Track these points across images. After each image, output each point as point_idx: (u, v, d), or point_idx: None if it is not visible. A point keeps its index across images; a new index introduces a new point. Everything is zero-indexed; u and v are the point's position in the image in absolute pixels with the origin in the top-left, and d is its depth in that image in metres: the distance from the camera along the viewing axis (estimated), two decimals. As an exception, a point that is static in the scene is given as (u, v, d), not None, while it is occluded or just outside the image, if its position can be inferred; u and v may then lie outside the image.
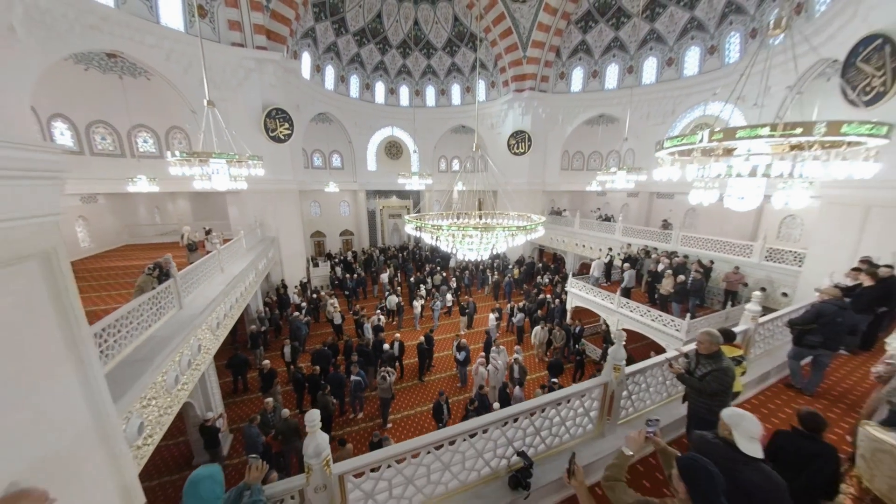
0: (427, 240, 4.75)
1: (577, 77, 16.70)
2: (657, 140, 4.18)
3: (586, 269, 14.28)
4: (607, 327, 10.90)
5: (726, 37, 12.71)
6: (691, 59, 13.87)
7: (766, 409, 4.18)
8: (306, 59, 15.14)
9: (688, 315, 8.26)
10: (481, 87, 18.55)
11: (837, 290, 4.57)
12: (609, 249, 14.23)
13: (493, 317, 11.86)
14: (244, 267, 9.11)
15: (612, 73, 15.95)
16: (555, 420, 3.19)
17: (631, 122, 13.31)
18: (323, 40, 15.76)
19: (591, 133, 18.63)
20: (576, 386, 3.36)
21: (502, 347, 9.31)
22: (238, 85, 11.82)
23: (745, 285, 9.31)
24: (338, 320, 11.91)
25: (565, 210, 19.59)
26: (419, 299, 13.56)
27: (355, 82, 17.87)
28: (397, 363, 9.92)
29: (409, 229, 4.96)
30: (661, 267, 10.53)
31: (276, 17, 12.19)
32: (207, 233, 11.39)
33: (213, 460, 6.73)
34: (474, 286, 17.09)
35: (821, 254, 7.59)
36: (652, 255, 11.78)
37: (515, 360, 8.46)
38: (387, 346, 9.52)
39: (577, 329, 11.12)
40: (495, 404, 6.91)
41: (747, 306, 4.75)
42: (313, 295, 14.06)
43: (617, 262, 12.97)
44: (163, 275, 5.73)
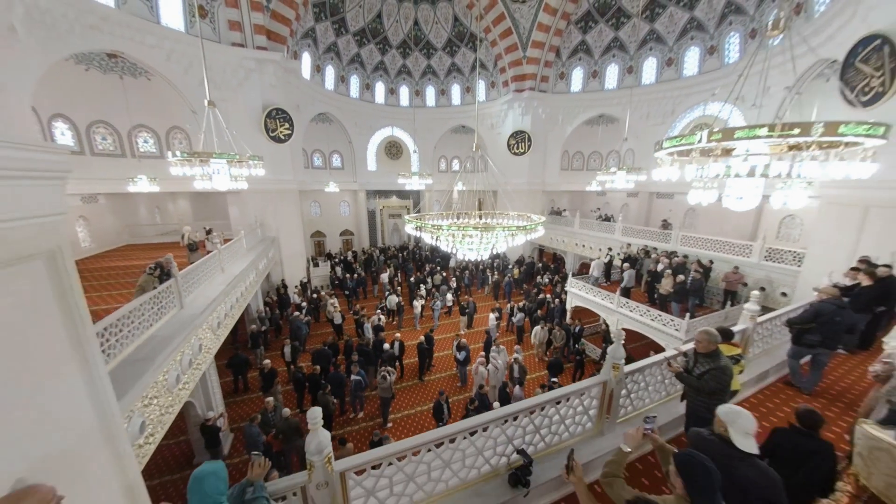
0: (427, 240, 4.77)
1: (577, 77, 16.71)
2: (657, 140, 4.19)
3: (586, 269, 14.30)
4: (607, 327, 10.93)
5: (726, 37, 12.72)
6: (691, 59, 13.88)
7: (765, 408, 4.21)
8: (306, 60, 15.16)
9: (687, 315, 8.27)
10: (481, 87, 18.56)
11: (836, 289, 4.59)
12: (609, 249, 14.25)
13: (493, 316, 11.89)
14: (245, 267, 9.13)
15: (612, 73, 15.96)
16: (554, 418, 3.21)
17: (631, 123, 13.33)
18: (323, 40, 15.78)
19: (590, 133, 18.65)
20: (575, 384, 3.37)
21: (502, 347, 9.33)
22: (238, 85, 11.84)
23: (745, 285, 9.32)
24: (338, 320, 11.93)
25: (565, 210, 19.61)
26: (419, 299, 13.59)
27: (355, 82, 17.88)
28: (397, 363, 9.94)
29: (409, 229, 4.97)
30: (660, 267, 10.54)
31: (277, 18, 12.20)
32: (208, 233, 11.42)
33: (214, 459, 6.74)
34: (474, 286, 17.11)
35: (820, 254, 7.59)
36: (652, 255, 11.80)
37: (515, 359, 8.47)
38: (387, 346, 9.54)
39: (577, 329, 11.15)
40: (495, 403, 6.92)
41: (746, 306, 4.77)
42: (313, 295, 14.08)
43: (617, 262, 12.99)
44: (164, 274, 5.74)
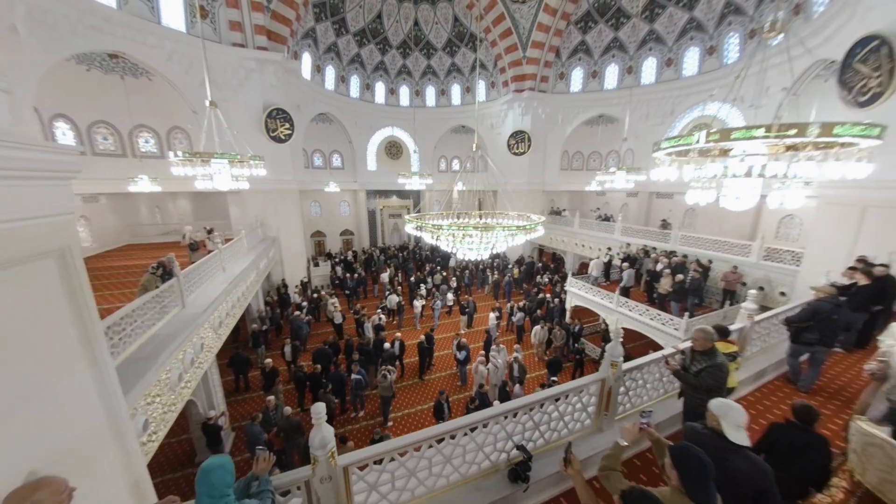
0: (427, 239, 4.80)
1: (577, 77, 16.74)
2: (656, 140, 4.23)
3: (586, 269, 14.33)
4: (606, 326, 10.97)
5: (725, 37, 12.75)
6: (690, 59, 13.91)
7: (762, 406, 4.25)
8: (307, 60, 15.19)
9: (686, 314, 8.31)
10: (481, 87, 18.59)
11: (833, 288, 4.63)
12: (608, 249, 14.29)
13: (493, 316, 11.93)
14: (245, 266, 9.17)
15: (612, 73, 15.99)
16: (553, 415, 3.25)
17: (630, 123, 13.38)
18: (323, 40, 15.81)
19: (590, 133, 18.69)
20: (574, 382, 3.41)
21: (502, 346, 9.36)
22: (239, 85, 11.87)
23: (744, 284, 9.35)
24: (338, 319, 11.97)
25: (565, 210, 19.65)
26: (420, 299, 13.63)
27: (355, 82, 17.91)
28: (398, 362, 9.98)
29: (409, 229, 5.01)
30: (659, 266, 10.58)
31: (277, 18, 12.23)
32: (209, 232, 11.44)
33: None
34: (474, 285, 17.15)
35: (818, 253, 7.62)
36: (651, 255, 11.84)
37: (515, 358, 8.51)
38: (387, 345, 9.57)
39: (577, 328, 11.19)
40: (495, 402, 6.97)
41: (743, 305, 4.81)
42: (314, 294, 14.12)
43: (616, 262, 13.03)
44: (166, 274, 5.77)
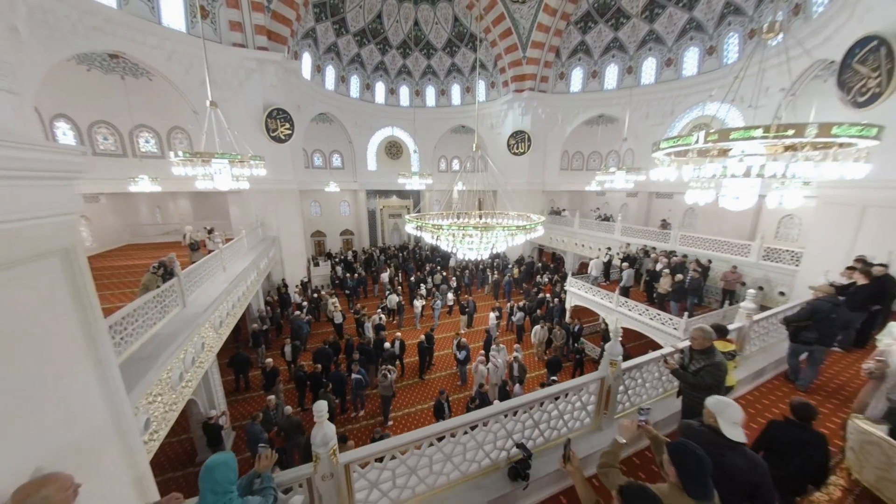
0: (427, 239, 4.82)
1: (577, 77, 16.76)
2: (656, 140, 4.24)
3: (585, 269, 14.36)
4: (606, 326, 10.99)
5: (725, 37, 12.77)
6: (690, 59, 13.93)
7: (761, 405, 4.27)
8: (307, 60, 15.21)
9: (685, 314, 8.33)
10: (481, 87, 18.61)
11: (831, 287, 4.66)
12: (608, 249, 14.31)
13: (493, 316, 11.95)
14: (246, 266, 9.18)
15: (612, 73, 16.00)
16: (553, 414, 3.27)
17: (630, 123, 13.40)
18: (323, 41, 15.83)
19: (590, 133, 18.71)
20: (574, 380, 3.43)
21: (502, 346, 9.38)
22: (239, 85, 11.89)
23: (743, 284, 9.36)
24: (338, 319, 11.98)
25: (565, 210, 19.67)
26: (420, 298, 13.65)
27: (355, 82, 17.93)
28: (398, 361, 10.00)
29: (409, 229, 5.02)
30: (659, 266, 10.60)
31: (277, 18, 12.25)
32: (210, 232, 11.45)
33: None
34: (474, 285, 17.16)
35: (817, 253, 7.63)
36: (651, 255, 11.86)
37: (515, 358, 8.53)
38: (387, 345, 9.59)
39: (577, 328, 11.21)
40: (496, 402, 6.97)
41: (742, 304, 4.83)
42: (314, 294, 14.14)
43: (616, 262, 13.05)
44: (167, 273, 5.78)
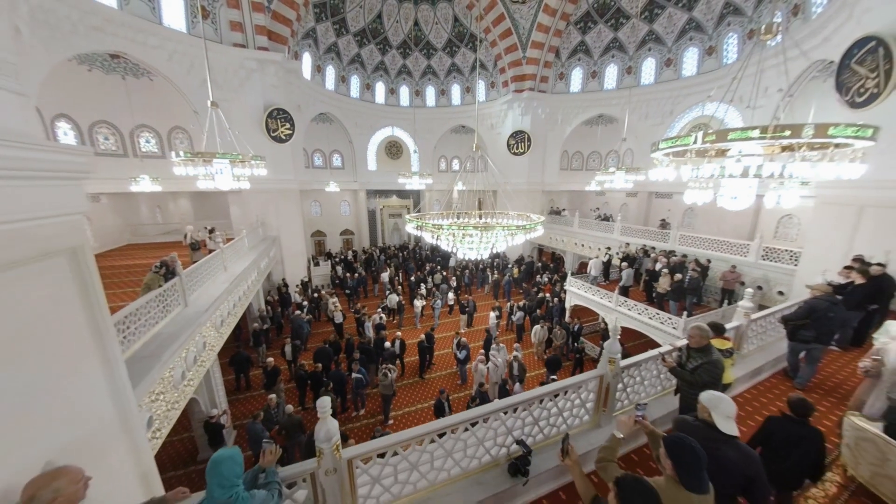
0: (428, 239, 4.84)
1: (577, 77, 16.80)
2: (655, 140, 4.27)
3: (585, 268, 14.39)
4: (606, 325, 11.02)
5: (724, 38, 12.80)
6: (689, 59, 13.96)
7: (758, 403, 4.31)
8: (307, 60, 15.24)
9: (685, 313, 8.37)
10: (481, 87, 18.64)
11: (829, 286, 4.70)
12: (608, 249, 14.35)
13: (493, 315, 11.98)
14: (247, 266, 9.22)
15: (611, 73, 16.04)
16: (552, 411, 3.31)
17: (630, 123, 13.43)
18: (324, 41, 15.86)
19: (590, 133, 18.75)
20: (573, 378, 3.47)
21: (502, 345, 9.41)
22: (240, 85, 11.91)
23: (742, 284, 9.39)
24: (339, 319, 12.01)
25: (564, 210, 19.71)
26: (420, 298, 13.68)
27: (356, 82, 17.96)
28: (398, 361, 10.03)
29: (409, 228, 5.05)
30: (658, 266, 10.64)
31: (278, 18, 12.28)
32: (210, 232, 11.48)
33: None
34: (474, 285, 17.20)
35: (816, 253, 7.67)
36: (650, 255, 11.90)
37: (515, 357, 8.57)
38: (388, 344, 9.63)
39: (576, 327, 11.25)
40: (496, 400, 7.02)
41: (740, 303, 4.87)
42: (314, 294, 14.17)
43: (615, 262, 13.09)
44: (169, 273, 5.81)
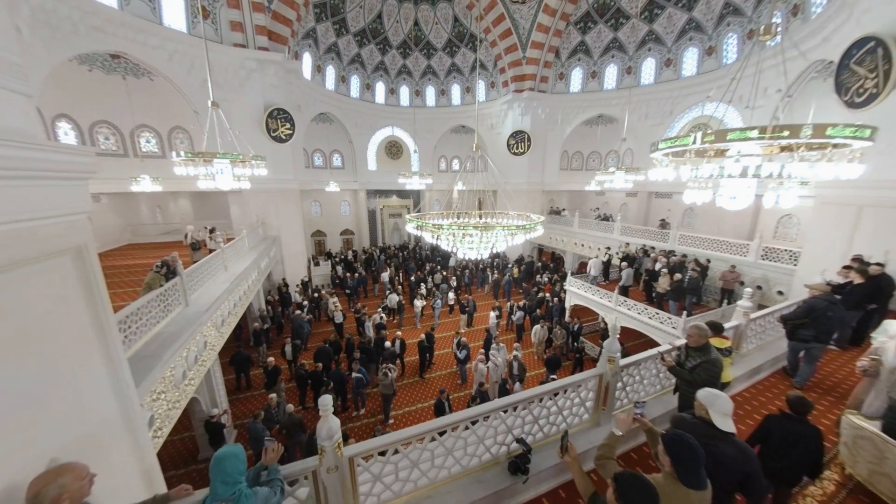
0: (428, 239, 4.85)
1: (577, 77, 16.81)
2: (655, 140, 4.29)
3: (585, 268, 14.41)
4: (605, 325, 11.04)
5: (724, 38, 12.82)
6: (689, 59, 13.97)
7: (757, 402, 4.33)
8: (307, 60, 15.25)
9: (684, 313, 8.39)
10: (481, 87, 18.66)
11: (827, 285, 4.72)
12: (607, 248, 14.37)
13: (493, 315, 12.00)
14: (247, 265, 9.23)
15: (611, 73, 16.05)
16: (552, 409, 3.33)
17: (629, 123, 13.45)
18: (324, 41, 15.87)
19: (590, 133, 18.77)
20: (572, 377, 3.49)
21: (502, 345, 9.43)
22: (240, 85, 11.92)
23: (742, 284, 9.41)
24: (339, 319, 12.03)
25: (564, 210, 19.73)
26: (420, 298, 13.70)
27: (356, 82, 17.97)
28: (398, 360, 10.05)
29: (410, 228, 5.07)
30: (658, 266, 10.66)
31: (278, 18, 12.29)
32: (211, 231, 11.47)
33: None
34: (474, 285, 17.22)
35: (815, 252, 7.68)
36: (650, 254, 11.92)
37: (515, 357, 8.59)
38: (388, 344, 9.65)
39: (576, 327, 11.28)
40: (496, 399, 7.04)
41: (739, 303, 4.89)
42: (314, 294, 14.18)
43: (615, 261, 13.11)
44: (170, 272, 5.82)
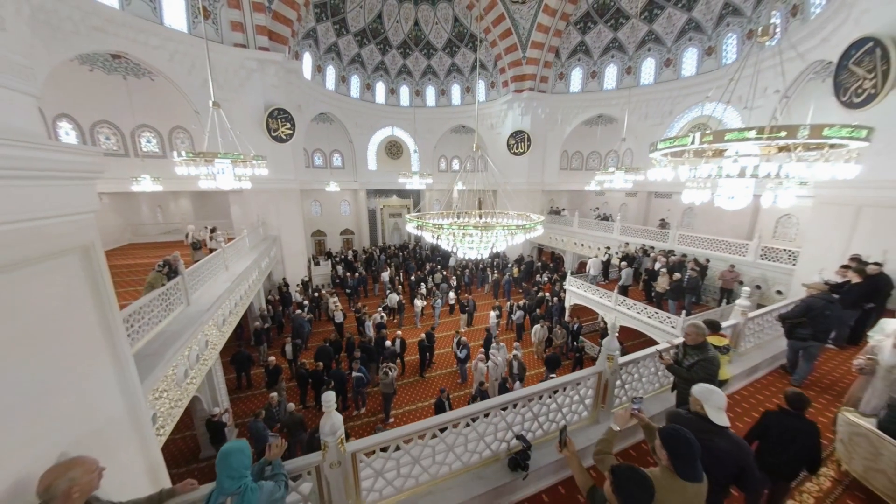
0: (428, 238, 4.87)
1: (576, 77, 16.84)
2: (654, 140, 4.32)
3: (584, 268, 14.44)
4: (605, 324, 11.07)
5: (723, 38, 12.84)
6: (689, 59, 14.00)
7: (755, 400, 4.36)
8: (307, 60, 15.28)
9: (683, 312, 8.41)
10: (481, 87, 18.69)
11: (825, 284, 4.75)
12: (607, 248, 14.41)
13: (493, 314, 12.04)
14: (248, 265, 9.27)
15: (611, 73, 16.08)
16: (552, 407, 3.36)
17: (629, 123, 13.48)
18: (324, 41, 15.90)
19: (589, 133, 18.80)
20: (572, 374, 3.52)
21: (502, 344, 9.46)
22: (240, 85, 11.94)
23: (741, 283, 9.43)
24: (339, 318, 12.06)
25: (564, 209, 19.76)
26: (420, 297, 13.73)
27: (356, 82, 18.00)
28: (399, 359, 10.08)
29: (410, 228, 5.09)
30: (658, 265, 10.69)
31: (278, 18, 12.31)
32: (212, 231, 11.49)
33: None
34: (474, 284, 17.25)
35: (814, 252, 7.70)
36: (650, 254, 11.95)
37: (515, 356, 8.62)
38: (388, 343, 9.68)
39: (576, 326, 11.31)
40: (496, 397, 7.08)
41: (737, 302, 4.93)
42: (315, 293, 14.21)
43: (615, 261, 13.15)
44: (172, 272, 5.85)
